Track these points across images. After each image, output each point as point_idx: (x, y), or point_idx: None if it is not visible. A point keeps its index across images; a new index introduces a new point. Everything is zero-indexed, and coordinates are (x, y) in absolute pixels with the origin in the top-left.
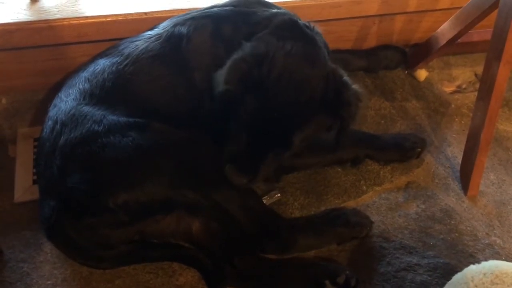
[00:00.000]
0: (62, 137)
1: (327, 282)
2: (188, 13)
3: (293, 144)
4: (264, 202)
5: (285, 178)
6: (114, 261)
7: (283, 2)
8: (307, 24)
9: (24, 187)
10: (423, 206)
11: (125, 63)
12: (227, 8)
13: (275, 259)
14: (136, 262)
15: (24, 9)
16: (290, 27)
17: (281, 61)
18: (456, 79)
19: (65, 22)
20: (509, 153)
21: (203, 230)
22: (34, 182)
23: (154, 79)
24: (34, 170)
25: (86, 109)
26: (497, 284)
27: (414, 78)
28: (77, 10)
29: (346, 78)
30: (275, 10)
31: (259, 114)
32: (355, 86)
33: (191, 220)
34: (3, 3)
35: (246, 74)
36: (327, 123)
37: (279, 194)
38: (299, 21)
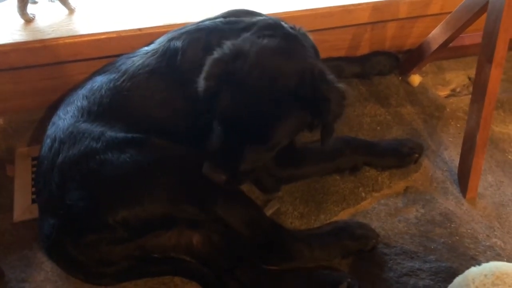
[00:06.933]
0: (61, 155)
1: None
2: (184, 27)
3: (271, 139)
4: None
5: (283, 187)
6: (115, 277)
7: (275, 13)
8: (292, 26)
9: (23, 206)
10: (422, 211)
11: (122, 79)
12: (217, 20)
13: (277, 269)
14: (137, 277)
15: (19, 30)
16: (272, 28)
17: (254, 54)
18: (450, 83)
19: (60, 41)
20: (506, 154)
21: (205, 243)
22: (33, 201)
23: (151, 94)
24: (33, 189)
25: (84, 126)
26: (498, 285)
27: (408, 83)
28: (71, 29)
29: (328, 75)
30: (262, 17)
31: (233, 108)
32: (339, 85)
33: (192, 234)
34: None
35: (223, 70)
36: (306, 119)
37: (278, 205)
38: (283, 23)
